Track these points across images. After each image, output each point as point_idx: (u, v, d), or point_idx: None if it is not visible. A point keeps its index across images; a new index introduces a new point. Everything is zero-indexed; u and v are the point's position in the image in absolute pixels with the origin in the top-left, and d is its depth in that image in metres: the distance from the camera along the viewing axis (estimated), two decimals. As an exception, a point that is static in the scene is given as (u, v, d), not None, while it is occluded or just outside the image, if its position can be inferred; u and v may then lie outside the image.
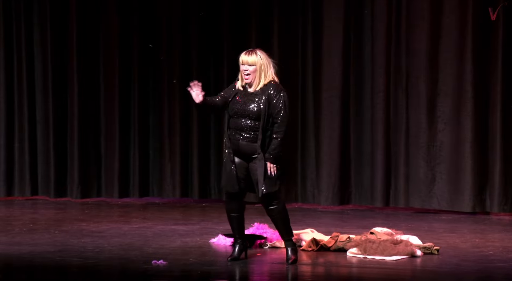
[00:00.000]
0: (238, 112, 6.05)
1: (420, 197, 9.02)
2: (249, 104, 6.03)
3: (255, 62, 6.01)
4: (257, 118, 6.01)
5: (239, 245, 6.22)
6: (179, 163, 9.71)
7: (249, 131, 6.02)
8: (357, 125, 9.27)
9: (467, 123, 8.82)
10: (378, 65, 9.10)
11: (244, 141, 6.03)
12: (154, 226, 7.92)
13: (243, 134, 6.03)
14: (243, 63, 6.03)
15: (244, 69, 6.04)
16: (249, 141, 6.02)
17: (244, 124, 6.02)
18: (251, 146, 6.02)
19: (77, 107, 9.80)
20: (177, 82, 9.61)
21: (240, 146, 6.05)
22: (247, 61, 6.02)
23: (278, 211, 6.11)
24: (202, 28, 9.63)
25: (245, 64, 6.03)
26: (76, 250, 6.66)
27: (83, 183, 9.81)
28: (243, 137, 6.03)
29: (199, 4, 9.59)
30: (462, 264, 6.29)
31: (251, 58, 6.02)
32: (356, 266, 6.24)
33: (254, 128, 6.02)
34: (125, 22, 9.77)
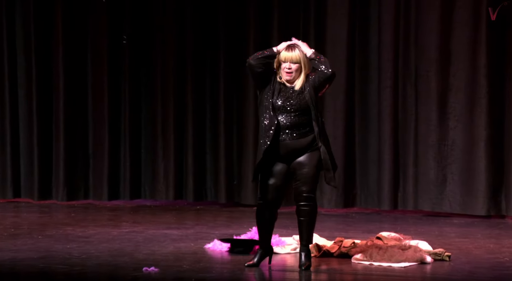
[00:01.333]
0: (282, 108, 5.98)
1: (430, 200, 9.00)
2: (294, 99, 5.99)
3: (299, 59, 5.99)
4: (303, 112, 5.97)
5: (261, 252, 6.22)
6: (173, 163, 9.71)
7: (297, 127, 5.98)
8: (363, 122, 9.26)
9: (481, 120, 8.80)
10: (385, 59, 9.08)
11: (293, 140, 5.99)
12: (145, 231, 7.91)
13: (289, 132, 5.98)
14: (286, 60, 6.00)
15: (287, 67, 6.01)
16: (299, 137, 5.99)
17: (291, 121, 5.96)
18: (301, 142, 6.00)
19: (63, 103, 9.78)
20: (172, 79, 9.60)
21: (288, 146, 6.00)
22: (291, 58, 6.00)
23: (312, 212, 6.13)
24: (197, 19, 9.60)
25: (287, 62, 6.00)
26: (61, 257, 6.63)
27: (69, 185, 9.80)
28: (291, 135, 5.99)
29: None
30: (476, 272, 6.27)
31: (295, 54, 5.99)
32: (361, 274, 6.23)
33: (302, 124, 5.97)
34: (115, 14, 9.74)
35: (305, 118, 5.99)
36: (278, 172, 6.07)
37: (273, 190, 6.09)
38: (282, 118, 6.01)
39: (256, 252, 6.27)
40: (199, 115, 9.70)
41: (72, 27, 9.79)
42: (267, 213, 6.15)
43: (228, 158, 9.60)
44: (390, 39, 9.05)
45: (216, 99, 9.65)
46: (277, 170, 6.08)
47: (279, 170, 6.08)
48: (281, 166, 6.08)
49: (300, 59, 6.01)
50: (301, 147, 6.02)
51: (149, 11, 9.74)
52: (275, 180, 6.07)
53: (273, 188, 6.08)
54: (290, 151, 6.04)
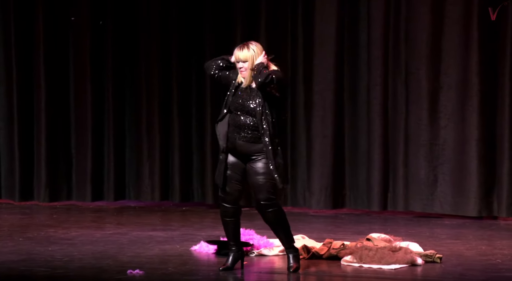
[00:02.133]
0: (238, 108, 6.05)
1: (421, 200, 9.01)
2: (248, 100, 6.05)
3: (247, 57, 6.04)
4: (255, 115, 6.02)
5: (233, 254, 6.21)
6: (158, 163, 9.69)
7: (248, 130, 6.03)
8: (352, 121, 9.26)
9: (473, 119, 8.81)
10: (375, 56, 9.08)
11: (241, 140, 6.04)
12: (129, 232, 7.89)
13: (241, 132, 6.03)
14: (237, 60, 6.09)
15: (239, 66, 6.08)
16: (247, 141, 6.04)
17: (243, 121, 6.03)
18: (250, 146, 6.04)
19: (45, 102, 9.74)
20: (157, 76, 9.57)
21: (237, 145, 6.05)
22: (239, 57, 6.07)
23: (278, 216, 6.11)
24: (183, 17, 9.59)
25: (239, 61, 6.08)
26: (43, 260, 6.61)
27: (52, 185, 9.76)
28: (241, 136, 6.04)
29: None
30: (467, 274, 6.28)
31: (243, 52, 6.06)
32: (351, 276, 6.22)
33: (253, 127, 6.02)
34: (98, 10, 9.70)
35: (253, 121, 6.02)
36: (236, 166, 6.07)
37: (232, 182, 6.07)
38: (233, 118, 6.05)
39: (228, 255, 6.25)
40: (185, 113, 9.67)
41: (54, 26, 9.74)
42: (229, 209, 6.12)
43: (215, 158, 9.57)
44: (379, 36, 9.05)
45: (203, 97, 9.62)
46: (235, 164, 6.08)
47: (237, 164, 6.08)
48: (238, 161, 6.09)
49: (249, 57, 6.05)
50: (250, 152, 6.04)
51: (134, 9, 9.70)
52: (233, 173, 6.07)
53: (233, 180, 6.07)
54: (241, 153, 6.07)
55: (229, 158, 6.10)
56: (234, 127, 6.05)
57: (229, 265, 6.19)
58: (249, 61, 6.04)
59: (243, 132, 6.03)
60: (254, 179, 6.03)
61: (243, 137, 6.03)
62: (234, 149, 6.08)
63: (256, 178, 6.02)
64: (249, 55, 6.03)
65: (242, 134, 6.04)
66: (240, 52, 6.06)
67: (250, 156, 6.05)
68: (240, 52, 6.06)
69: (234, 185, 6.10)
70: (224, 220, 6.19)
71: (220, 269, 6.17)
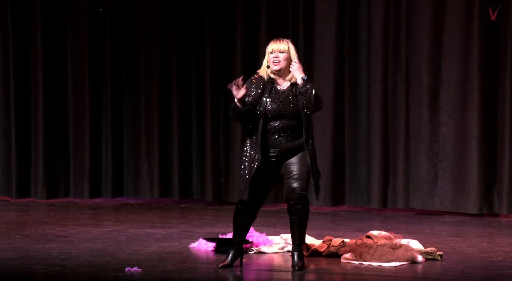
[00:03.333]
0: (278, 113, 6.15)
1: (421, 197, 9.00)
2: (287, 104, 6.16)
3: (286, 49, 6.18)
4: (295, 117, 6.14)
5: (233, 251, 6.24)
6: (157, 159, 9.68)
7: (291, 131, 6.14)
8: (352, 118, 9.25)
9: (474, 115, 8.81)
10: (375, 52, 9.07)
11: (288, 142, 6.14)
12: (128, 230, 7.88)
13: (285, 135, 6.14)
14: (273, 50, 6.18)
15: (275, 56, 6.17)
16: (292, 140, 6.15)
17: (284, 125, 6.14)
18: (295, 143, 6.16)
19: (42, 98, 9.73)
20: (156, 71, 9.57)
21: (282, 147, 6.15)
22: (278, 48, 6.18)
23: (304, 212, 6.19)
24: (183, 14, 9.57)
25: (275, 52, 6.17)
26: (40, 257, 6.59)
27: (49, 182, 9.75)
28: (286, 138, 6.14)
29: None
30: (468, 271, 6.27)
31: (282, 44, 6.20)
32: (351, 273, 6.22)
33: (295, 128, 6.15)
34: (96, 3, 9.69)
35: (296, 122, 6.16)
36: (268, 173, 6.14)
37: (259, 191, 6.10)
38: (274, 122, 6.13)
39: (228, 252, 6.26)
40: (185, 109, 9.66)
41: (52, 21, 9.72)
42: (246, 214, 6.21)
43: (214, 155, 9.57)
44: (380, 32, 9.05)
45: (202, 93, 9.61)
46: (267, 171, 6.14)
47: (269, 171, 6.15)
48: (272, 168, 6.16)
49: (287, 49, 6.17)
50: (293, 148, 6.14)
51: (133, 4, 9.68)
52: (263, 181, 6.14)
53: (261, 189, 6.13)
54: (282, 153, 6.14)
55: (262, 165, 6.12)
56: (277, 132, 6.11)
57: (228, 262, 6.20)
58: (291, 53, 6.15)
59: (286, 134, 6.12)
60: (292, 168, 6.09)
61: (289, 139, 6.13)
62: (280, 150, 6.14)
63: (295, 167, 6.10)
64: (288, 47, 6.17)
65: (287, 137, 6.13)
66: (279, 44, 6.18)
67: (296, 150, 6.14)
68: (280, 43, 6.18)
69: (260, 193, 6.16)
70: (237, 222, 6.24)
71: (219, 266, 6.18)
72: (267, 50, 6.20)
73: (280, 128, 6.14)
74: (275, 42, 6.21)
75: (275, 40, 6.22)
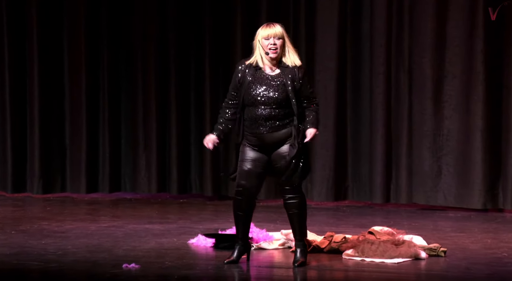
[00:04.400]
0: (259, 100, 5.99)
1: (424, 192, 9.00)
2: (273, 90, 5.99)
3: (282, 34, 6.01)
4: (282, 104, 5.97)
5: (239, 247, 6.22)
6: (155, 153, 9.68)
7: (275, 120, 5.99)
8: (355, 111, 9.24)
9: (478, 109, 8.79)
10: (378, 44, 9.05)
11: (269, 132, 6.01)
12: (125, 225, 7.88)
13: (266, 124, 5.99)
14: (269, 36, 5.98)
15: (272, 42, 5.98)
16: (274, 130, 6.01)
17: (267, 113, 5.99)
18: (279, 134, 6.02)
19: (38, 91, 9.71)
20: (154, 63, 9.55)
21: (264, 138, 6.03)
22: (275, 33, 5.98)
23: (301, 204, 6.12)
24: (181, 2, 9.55)
25: (271, 37, 5.98)
26: (36, 253, 6.60)
27: (45, 177, 9.74)
28: (268, 127, 6.00)
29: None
30: (472, 268, 6.27)
31: (278, 29, 6.00)
32: (352, 270, 6.22)
33: (279, 116, 5.98)
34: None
35: (283, 111, 6.00)
36: (257, 159, 6.05)
37: (252, 176, 6.05)
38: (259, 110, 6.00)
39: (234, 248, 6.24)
40: (183, 102, 9.65)
41: (48, 13, 9.70)
42: (244, 202, 6.11)
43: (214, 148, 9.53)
44: (382, 23, 9.02)
45: (201, 86, 9.60)
46: (256, 157, 6.06)
47: (258, 158, 6.06)
48: (260, 155, 6.07)
49: (283, 34, 6.02)
50: (278, 139, 6.02)
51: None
52: (253, 167, 6.05)
53: (252, 174, 6.05)
54: (268, 143, 6.04)
55: (250, 153, 6.06)
56: (257, 121, 5.98)
57: (234, 258, 6.18)
58: (286, 39, 5.99)
59: (269, 123, 5.98)
60: (282, 162, 5.99)
61: (271, 128, 5.99)
62: (262, 142, 6.04)
63: (284, 161, 5.98)
64: (283, 32, 5.99)
65: (269, 126, 5.98)
66: (274, 28, 5.99)
67: (280, 142, 6.01)
68: (274, 28, 5.99)
69: (253, 180, 6.07)
70: (236, 214, 6.18)
71: (225, 262, 6.16)
72: (261, 36, 5.99)
73: (263, 117, 5.99)
74: (269, 26, 6.00)
75: (268, 25, 6.02)
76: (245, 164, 6.06)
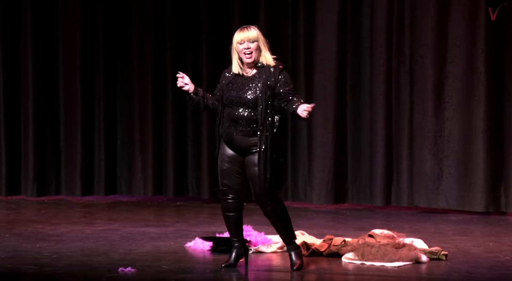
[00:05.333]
0: (234, 100, 6.00)
1: (425, 195, 9.00)
2: (245, 90, 5.99)
3: (256, 37, 5.98)
4: (254, 106, 5.96)
5: (236, 250, 6.20)
6: (151, 155, 9.69)
7: (245, 123, 5.98)
8: (355, 112, 9.25)
9: (480, 109, 8.80)
10: (378, 43, 9.06)
11: (239, 134, 6.00)
12: (121, 229, 7.89)
13: (238, 126, 5.99)
14: (243, 40, 5.98)
15: (245, 47, 5.99)
16: (245, 135, 6.00)
17: (239, 114, 5.98)
18: (247, 141, 6.00)
19: (32, 91, 9.72)
20: (150, 64, 9.56)
21: (234, 139, 6.03)
22: (248, 37, 5.97)
23: (277, 211, 6.08)
24: (178, 2, 9.55)
25: (245, 41, 5.97)
26: (30, 257, 6.60)
27: (39, 179, 9.75)
28: (238, 130, 6.00)
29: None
30: (474, 272, 6.28)
31: (251, 32, 5.98)
32: (352, 274, 6.22)
33: (251, 120, 5.97)
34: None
35: (254, 113, 5.96)
36: (234, 158, 6.04)
37: (232, 174, 6.04)
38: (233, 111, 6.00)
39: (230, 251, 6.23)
40: (180, 103, 9.65)
41: (42, 14, 9.71)
42: (231, 202, 6.08)
43: (211, 150, 9.56)
44: (383, 23, 9.03)
45: (199, 86, 9.57)
46: (233, 156, 6.05)
47: (234, 156, 6.05)
48: (235, 154, 6.06)
49: (257, 37, 6.00)
50: (247, 145, 6.00)
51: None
52: (231, 165, 6.04)
53: (232, 172, 6.03)
54: (239, 147, 6.04)
55: (227, 151, 6.07)
56: (230, 121, 6.01)
57: (232, 261, 6.17)
58: (260, 41, 5.96)
59: (240, 125, 5.98)
60: (251, 171, 6.00)
61: (241, 131, 5.99)
62: (231, 143, 6.06)
63: (253, 169, 5.98)
64: (258, 34, 5.97)
65: (239, 128, 5.99)
66: (247, 32, 5.97)
67: (248, 149, 6.02)
68: (247, 31, 5.97)
69: (234, 177, 6.07)
70: (225, 215, 6.16)
71: (222, 266, 6.15)
72: (235, 40, 5.98)
73: (233, 118, 5.98)
74: (242, 30, 5.98)
75: (242, 29, 5.99)
76: (224, 163, 6.06)
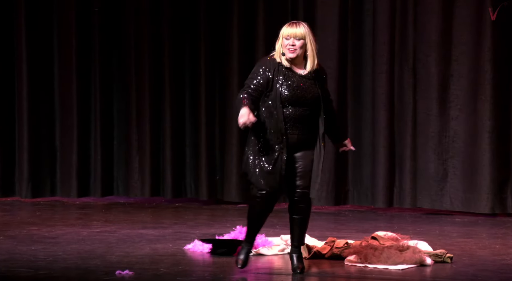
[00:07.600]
0: (297, 100, 6.00)
1: (429, 196, 9.01)
2: (309, 90, 6.02)
3: (303, 35, 6.00)
4: (314, 107, 6.02)
5: (247, 249, 6.22)
6: (149, 156, 9.69)
7: (308, 122, 6.02)
8: (356, 111, 9.26)
9: (485, 109, 8.81)
10: (381, 41, 9.07)
11: (303, 135, 6.02)
12: (118, 231, 7.89)
13: (301, 126, 6.01)
14: (289, 36, 6.00)
15: (290, 43, 5.99)
16: (308, 133, 6.04)
17: (302, 114, 6.00)
18: (307, 138, 6.04)
19: (27, 90, 9.73)
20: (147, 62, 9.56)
21: (298, 140, 6.02)
22: (295, 34, 5.99)
23: (308, 211, 6.15)
24: (176, 2, 9.56)
25: (291, 38, 5.99)
26: (25, 259, 6.60)
27: (34, 180, 9.76)
28: (303, 130, 6.02)
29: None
30: (480, 275, 6.29)
31: (299, 30, 6.00)
32: (355, 277, 6.23)
33: (310, 119, 6.03)
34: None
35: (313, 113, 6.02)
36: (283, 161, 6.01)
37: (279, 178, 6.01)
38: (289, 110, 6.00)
39: (239, 251, 6.24)
40: (178, 103, 9.66)
41: (37, 12, 9.71)
42: (267, 205, 6.07)
43: (210, 151, 9.57)
44: (386, 20, 9.04)
45: (197, 85, 9.61)
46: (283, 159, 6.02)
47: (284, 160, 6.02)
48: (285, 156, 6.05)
49: (304, 35, 6.01)
50: (304, 141, 6.04)
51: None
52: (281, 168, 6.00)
53: (279, 176, 6.00)
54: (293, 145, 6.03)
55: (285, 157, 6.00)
56: (293, 122, 5.99)
57: (244, 260, 6.17)
58: (307, 39, 5.97)
59: (300, 125, 5.99)
60: (305, 164, 6.00)
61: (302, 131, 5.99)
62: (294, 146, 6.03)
63: (307, 164, 5.99)
64: (306, 32, 5.99)
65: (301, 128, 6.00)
66: (295, 28, 5.99)
67: (302, 146, 6.03)
68: (296, 28, 5.99)
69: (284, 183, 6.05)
70: (261, 215, 6.10)
71: (239, 267, 6.13)
72: (282, 34, 6.01)
73: (294, 118, 6.00)
74: (291, 26, 6.01)
75: (291, 24, 6.03)
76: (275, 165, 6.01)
